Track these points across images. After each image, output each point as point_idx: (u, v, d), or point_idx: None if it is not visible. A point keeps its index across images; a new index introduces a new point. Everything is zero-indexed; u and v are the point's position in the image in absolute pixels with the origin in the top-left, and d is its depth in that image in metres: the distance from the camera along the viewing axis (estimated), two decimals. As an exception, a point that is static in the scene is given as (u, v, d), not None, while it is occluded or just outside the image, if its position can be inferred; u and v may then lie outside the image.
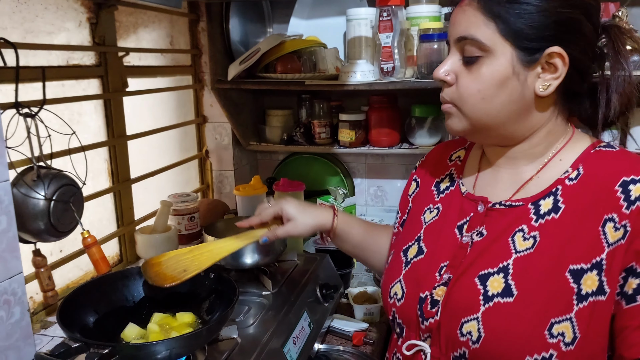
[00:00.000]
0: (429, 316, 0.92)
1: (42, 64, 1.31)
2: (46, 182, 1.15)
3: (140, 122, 1.71)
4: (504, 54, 0.84)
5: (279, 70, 1.87)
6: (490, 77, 0.85)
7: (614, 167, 0.84)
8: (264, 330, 1.20)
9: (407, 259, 1.01)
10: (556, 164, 0.91)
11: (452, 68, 0.89)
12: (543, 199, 0.88)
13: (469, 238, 0.93)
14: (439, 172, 1.09)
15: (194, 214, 1.80)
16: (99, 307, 1.10)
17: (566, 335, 0.80)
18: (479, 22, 0.85)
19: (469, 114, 0.89)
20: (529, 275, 0.84)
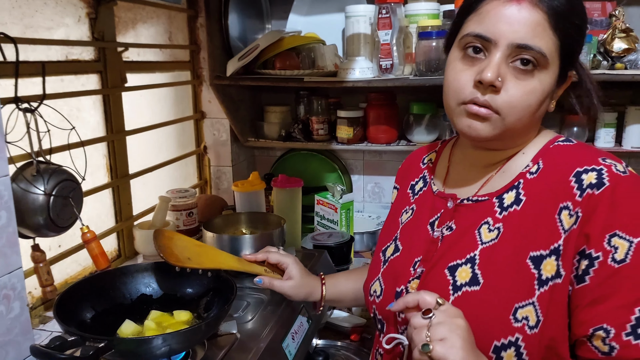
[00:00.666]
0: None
1: (41, 59, 1.31)
2: (46, 177, 1.15)
3: (138, 117, 1.71)
4: (554, 70, 0.85)
5: (278, 67, 1.87)
6: (541, 91, 0.84)
7: (570, 159, 0.87)
8: (263, 325, 1.20)
9: (384, 257, 1.05)
10: (519, 157, 0.94)
11: (501, 72, 0.83)
12: (506, 193, 0.92)
13: (439, 233, 0.97)
14: (412, 175, 1.13)
15: (192, 210, 1.80)
16: (96, 304, 1.10)
17: (530, 319, 0.82)
18: (546, 35, 0.82)
19: (510, 123, 0.86)
20: (494, 264, 0.87)
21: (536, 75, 0.83)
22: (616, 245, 0.78)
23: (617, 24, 1.64)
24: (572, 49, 0.85)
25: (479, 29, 0.85)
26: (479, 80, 0.83)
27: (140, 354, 0.96)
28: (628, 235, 0.78)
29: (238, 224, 1.62)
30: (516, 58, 0.83)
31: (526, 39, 0.81)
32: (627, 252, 0.78)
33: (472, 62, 0.86)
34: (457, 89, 0.87)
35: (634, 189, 0.81)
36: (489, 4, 0.85)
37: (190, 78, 2.01)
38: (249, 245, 1.43)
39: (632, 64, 1.61)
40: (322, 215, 2.02)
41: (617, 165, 0.83)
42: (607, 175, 0.81)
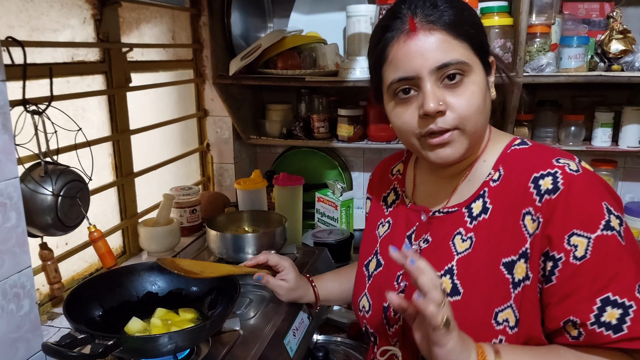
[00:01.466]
0: (393, 322, 1.00)
1: (47, 60, 1.33)
2: (53, 178, 1.18)
3: (142, 116, 1.74)
4: (479, 67, 0.91)
5: (280, 66, 1.89)
6: (479, 91, 0.89)
7: (527, 165, 0.91)
8: (265, 322, 1.23)
9: (368, 272, 1.09)
10: (481, 165, 0.98)
11: (439, 97, 0.88)
12: (474, 202, 0.96)
13: (417, 246, 1.01)
14: (383, 187, 1.16)
15: (195, 207, 1.83)
16: (104, 301, 1.13)
17: (510, 320, 0.88)
18: (454, 46, 0.87)
19: (471, 131, 0.90)
20: (470, 273, 0.91)
21: (467, 82, 0.88)
22: (575, 243, 0.83)
23: (614, 25, 1.66)
24: (480, 42, 0.91)
25: (398, 74, 0.89)
26: (424, 113, 0.88)
27: (148, 352, 0.99)
28: (585, 232, 0.83)
29: (240, 222, 1.65)
30: (443, 77, 0.88)
31: (441, 59, 0.87)
32: (586, 248, 0.82)
33: (409, 102, 0.91)
34: (410, 128, 0.91)
35: (586, 187, 0.85)
36: (392, 49, 0.90)
37: (193, 76, 2.03)
38: (251, 244, 1.46)
39: (628, 66, 1.63)
40: (323, 213, 2.04)
41: (570, 165, 0.87)
42: (562, 177, 0.86)
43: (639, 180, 2.01)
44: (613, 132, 1.83)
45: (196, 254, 1.66)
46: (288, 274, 1.23)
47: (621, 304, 0.80)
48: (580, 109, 1.90)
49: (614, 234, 0.83)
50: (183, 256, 1.65)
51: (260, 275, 1.22)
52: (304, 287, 1.26)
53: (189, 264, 1.16)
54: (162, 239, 1.62)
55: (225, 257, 1.49)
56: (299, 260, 1.61)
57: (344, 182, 2.24)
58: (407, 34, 0.87)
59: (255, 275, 1.22)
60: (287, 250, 1.63)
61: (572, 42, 1.63)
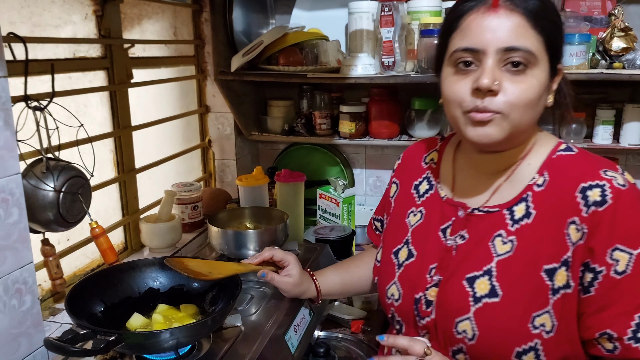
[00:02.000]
0: (424, 315, 0.99)
1: (49, 56, 1.34)
2: (55, 174, 1.18)
3: (144, 112, 1.74)
4: (544, 66, 0.89)
5: (281, 63, 1.89)
6: (538, 86, 0.88)
7: (574, 173, 0.92)
8: (266, 318, 1.24)
9: (399, 261, 1.08)
10: (525, 167, 0.98)
11: (496, 77, 0.87)
12: (516, 205, 0.96)
13: (453, 241, 1.01)
14: (415, 174, 1.15)
15: (197, 203, 1.83)
16: (105, 297, 1.13)
17: (546, 325, 0.89)
18: (529, 34, 0.86)
19: (515, 122, 0.89)
20: (511, 277, 0.92)
21: (529, 73, 0.87)
22: (617, 258, 0.85)
23: (616, 22, 1.66)
24: (555, 44, 0.90)
25: (466, 43, 0.89)
26: (477, 88, 0.87)
27: (149, 347, 0.99)
28: (628, 248, 0.85)
29: (242, 218, 1.65)
30: (507, 62, 0.87)
31: (512, 42, 0.86)
32: (627, 264, 0.85)
33: (466, 74, 0.90)
34: (458, 99, 0.91)
35: (632, 203, 0.87)
36: (467, 18, 0.89)
37: (195, 72, 2.03)
38: (253, 240, 1.46)
39: (630, 63, 1.62)
40: (325, 209, 2.05)
41: (617, 179, 0.88)
42: (610, 191, 0.86)
43: (639, 178, 2.01)
44: (614, 129, 1.83)
45: (198, 251, 1.66)
46: (293, 269, 1.22)
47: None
48: (582, 106, 1.90)
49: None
50: (184, 252, 1.65)
51: (265, 272, 1.21)
52: (307, 282, 1.25)
53: (196, 265, 1.15)
54: (164, 235, 1.63)
55: (226, 253, 1.50)
56: (300, 256, 1.61)
57: (345, 179, 2.24)
58: (487, 7, 0.87)
59: (259, 272, 1.21)
60: (289, 247, 1.63)
61: (573, 39, 1.63)
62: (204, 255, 1.62)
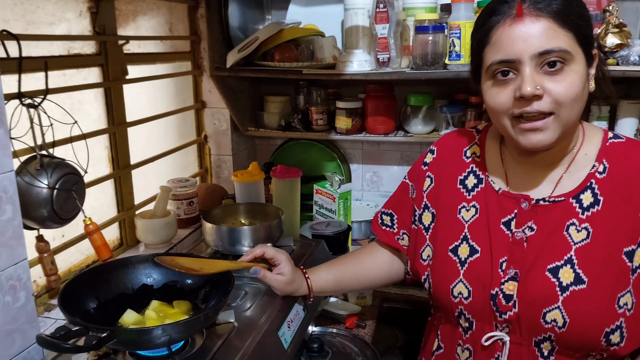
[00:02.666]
0: (506, 310, 1.01)
1: (43, 54, 1.34)
2: (49, 171, 1.19)
3: (140, 108, 1.74)
4: (581, 58, 0.93)
5: (277, 59, 1.89)
6: (578, 79, 0.92)
7: (633, 158, 0.99)
8: (260, 314, 1.24)
9: (460, 259, 1.08)
10: (582, 158, 1.02)
11: (537, 82, 0.91)
12: (582, 193, 0.99)
13: (522, 234, 1.02)
14: (457, 168, 1.15)
15: (192, 199, 1.84)
16: (99, 294, 1.13)
17: (628, 304, 0.96)
18: (559, 34, 0.90)
19: (566, 118, 0.93)
20: (593, 263, 0.96)
21: (567, 70, 0.91)
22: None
23: (610, 19, 1.65)
24: (585, 34, 0.93)
25: (499, 56, 0.94)
26: (521, 96, 0.92)
27: (142, 343, 1.00)
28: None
29: (237, 214, 1.66)
30: (544, 64, 0.91)
31: (544, 46, 0.90)
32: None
33: (506, 84, 0.95)
34: (504, 107, 0.96)
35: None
36: (497, 32, 0.94)
37: (191, 68, 2.03)
38: (247, 237, 1.47)
39: (624, 60, 1.62)
40: (321, 205, 2.05)
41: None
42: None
43: (636, 174, 2.01)
44: (609, 125, 1.83)
45: (193, 246, 1.67)
46: (284, 268, 1.23)
47: None
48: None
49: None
50: (180, 248, 1.66)
51: (257, 269, 1.22)
52: (299, 280, 1.26)
53: (188, 262, 1.16)
54: (159, 231, 1.63)
55: (221, 249, 1.50)
56: (296, 252, 1.61)
57: (342, 174, 2.25)
58: (513, 18, 0.91)
59: (251, 269, 1.22)
60: (284, 243, 1.64)
61: (568, 35, 1.63)
62: (199, 251, 1.62)
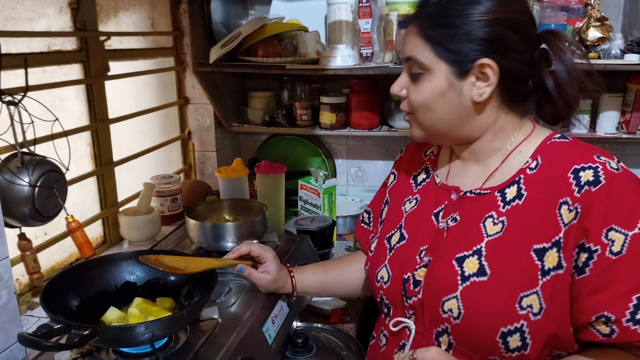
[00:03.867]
0: (412, 295, 1.02)
1: (23, 50, 1.32)
2: (30, 168, 1.18)
3: (122, 104, 1.73)
4: (440, 70, 0.96)
5: (260, 54, 1.89)
6: (430, 90, 0.97)
7: (567, 157, 0.94)
8: (244, 310, 1.24)
9: (390, 245, 1.12)
10: (517, 155, 1.00)
11: (404, 84, 1.01)
12: (508, 187, 0.98)
13: (444, 224, 1.04)
14: (415, 166, 1.20)
15: (176, 195, 1.83)
16: (82, 291, 1.13)
17: (534, 307, 0.90)
18: (419, 45, 0.97)
19: (421, 122, 1.02)
20: (500, 256, 0.94)
21: (424, 78, 0.97)
22: (613, 238, 0.86)
23: (592, 12, 1.68)
24: (449, 46, 0.94)
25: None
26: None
27: (124, 341, 1.00)
28: (623, 229, 0.86)
29: (221, 210, 1.66)
30: (410, 71, 1.00)
31: (406, 52, 0.99)
32: (622, 245, 0.85)
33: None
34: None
35: (627, 186, 0.88)
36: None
37: (174, 64, 2.02)
38: (231, 233, 1.47)
39: (605, 53, 1.64)
40: (306, 200, 2.06)
41: (610, 163, 0.90)
42: (603, 173, 0.88)
43: (616, 166, 2.04)
44: (591, 119, 1.85)
45: (177, 243, 1.67)
46: (270, 266, 1.23)
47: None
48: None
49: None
50: (164, 245, 1.66)
51: (242, 267, 1.22)
52: (284, 279, 1.27)
53: (172, 260, 1.15)
54: (143, 228, 1.63)
55: (205, 246, 1.50)
56: (281, 248, 1.62)
57: (327, 170, 2.25)
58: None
59: (236, 267, 1.22)
60: (268, 239, 1.64)
61: (549, 30, 1.64)
62: (183, 247, 1.62)
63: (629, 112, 1.80)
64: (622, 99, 1.81)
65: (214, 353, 1.07)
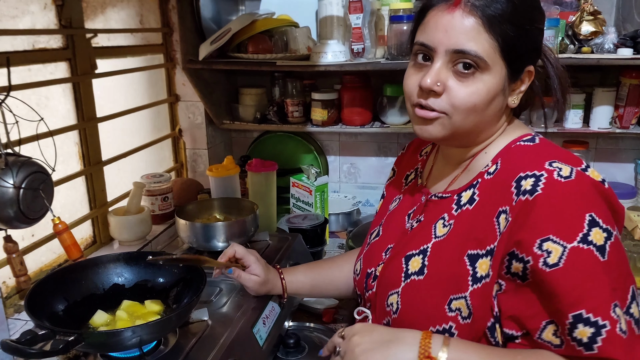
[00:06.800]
0: (369, 288, 1.07)
1: (6, 49, 1.30)
2: (15, 169, 1.16)
3: (111, 103, 1.71)
4: (499, 71, 0.88)
5: (250, 51, 1.87)
6: (486, 92, 0.88)
7: (520, 163, 0.89)
8: (234, 311, 1.23)
9: (370, 240, 1.16)
10: (482, 156, 0.98)
11: (441, 78, 0.88)
12: (465, 191, 0.97)
13: (409, 224, 1.06)
14: (410, 164, 1.20)
15: (167, 194, 1.81)
16: (68, 295, 1.11)
17: (462, 311, 0.89)
18: (482, 39, 0.85)
19: (457, 123, 0.90)
20: (439, 258, 0.95)
21: (478, 77, 0.87)
22: (549, 249, 0.80)
23: (585, 6, 1.66)
24: (516, 48, 0.87)
25: (423, 38, 0.91)
26: (419, 86, 0.90)
27: (111, 346, 0.98)
28: (562, 241, 0.80)
29: (211, 209, 1.64)
30: (457, 62, 0.87)
31: (461, 44, 0.86)
32: (560, 257, 0.79)
33: (421, 68, 0.92)
34: (408, 92, 0.93)
35: (569, 195, 0.82)
36: (430, 13, 0.90)
37: (164, 61, 2.00)
38: (221, 232, 1.45)
39: (598, 48, 1.63)
40: (298, 198, 2.04)
41: (561, 171, 0.84)
42: (544, 181, 0.83)
43: (610, 161, 2.03)
44: (584, 113, 1.84)
45: (168, 242, 1.65)
46: (256, 269, 1.23)
47: (594, 323, 0.78)
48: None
49: (590, 248, 0.79)
50: (155, 245, 1.64)
51: (232, 268, 1.21)
52: (273, 280, 1.26)
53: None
54: (133, 227, 1.61)
55: (195, 246, 1.48)
56: (272, 246, 1.60)
57: (319, 166, 2.23)
58: (448, 5, 0.87)
59: (226, 268, 1.21)
60: (260, 237, 1.63)
61: (542, 24, 1.63)
62: (174, 247, 1.60)
63: (622, 106, 1.79)
64: (615, 93, 1.79)
65: (204, 356, 1.06)
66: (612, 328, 0.78)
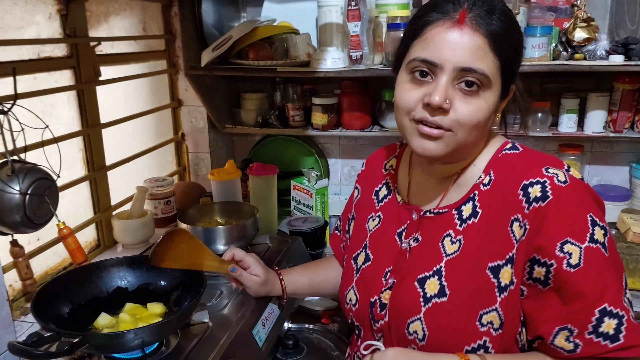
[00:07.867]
0: (379, 318, 1.02)
1: (12, 58, 1.33)
2: (20, 176, 1.19)
3: (115, 109, 1.74)
4: (497, 88, 0.91)
5: (251, 57, 1.90)
6: (488, 109, 0.90)
7: (517, 171, 0.93)
8: (234, 313, 1.26)
9: (357, 266, 1.11)
10: (471, 169, 1.00)
11: (448, 95, 0.88)
12: (464, 205, 0.98)
13: (407, 244, 1.03)
14: (376, 180, 1.18)
15: (170, 198, 1.85)
16: (73, 298, 1.15)
17: (494, 323, 0.91)
18: (487, 58, 0.87)
19: (461, 140, 0.91)
20: (457, 276, 0.94)
21: (481, 95, 0.89)
22: (570, 251, 0.85)
23: (579, 13, 1.68)
24: (511, 68, 0.91)
25: (425, 54, 0.89)
26: (428, 103, 0.88)
27: (115, 347, 1.02)
28: (577, 242, 0.86)
29: (212, 213, 1.67)
30: (461, 80, 0.88)
31: (469, 62, 0.86)
32: (579, 257, 0.85)
33: (420, 84, 0.90)
34: (407, 107, 0.92)
35: (575, 200, 0.88)
36: (432, 30, 0.88)
37: (166, 67, 2.03)
38: (222, 236, 1.48)
39: (591, 54, 1.65)
40: (299, 200, 2.07)
41: (558, 176, 0.89)
42: (550, 187, 0.88)
43: (605, 164, 2.05)
44: (579, 118, 1.86)
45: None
46: (256, 270, 1.24)
47: (616, 314, 0.84)
48: (549, 95, 1.93)
49: (598, 246, 0.86)
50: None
51: (234, 267, 1.23)
52: (272, 281, 1.28)
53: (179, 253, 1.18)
54: (136, 231, 1.64)
55: (197, 249, 1.51)
56: (272, 249, 1.63)
57: (320, 169, 2.27)
58: (453, 22, 0.87)
59: (229, 266, 1.23)
60: (260, 240, 1.66)
61: (535, 32, 1.65)
62: (176, 250, 1.63)
63: (615, 111, 1.81)
64: (609, 98, 1.82)
65: (204, 356, 1.09)
66: (628, 317, 0.85)
